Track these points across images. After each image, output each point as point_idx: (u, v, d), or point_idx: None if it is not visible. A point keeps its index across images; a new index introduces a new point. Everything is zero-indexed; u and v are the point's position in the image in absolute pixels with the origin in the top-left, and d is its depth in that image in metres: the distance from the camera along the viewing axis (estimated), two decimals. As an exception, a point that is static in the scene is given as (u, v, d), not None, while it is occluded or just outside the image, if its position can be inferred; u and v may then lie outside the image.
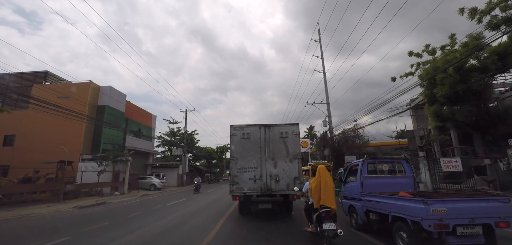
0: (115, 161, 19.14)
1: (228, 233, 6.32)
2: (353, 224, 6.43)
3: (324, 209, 4.63)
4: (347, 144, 27.91)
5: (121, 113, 25.38)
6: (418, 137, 27.27)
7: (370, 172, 6.14)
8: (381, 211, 4.99)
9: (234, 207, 10.48)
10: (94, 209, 12.11)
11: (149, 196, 18.25)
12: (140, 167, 31.43)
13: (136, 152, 29.88)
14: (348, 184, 6.75)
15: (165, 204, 12.97)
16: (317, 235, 4.89)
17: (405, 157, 6.39)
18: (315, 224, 4.86)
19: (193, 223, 7.75)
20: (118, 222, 8.31)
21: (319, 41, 28.91)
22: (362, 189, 5.78)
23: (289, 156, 7.91)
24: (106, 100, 23.53)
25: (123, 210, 11.16)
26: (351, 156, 20.33)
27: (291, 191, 7.57)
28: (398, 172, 6.23)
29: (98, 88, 23.82)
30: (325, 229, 4.39)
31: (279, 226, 6.93)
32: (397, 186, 5.71)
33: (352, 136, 29.11)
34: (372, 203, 5.31)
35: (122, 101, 25.74)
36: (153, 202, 14.48)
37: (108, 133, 23.20)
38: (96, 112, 22.95)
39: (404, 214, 4.26)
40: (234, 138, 8.12)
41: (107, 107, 23.35)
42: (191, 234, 6.41)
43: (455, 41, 13.63)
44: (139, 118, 31.04)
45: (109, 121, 22.59)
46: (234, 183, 7.81)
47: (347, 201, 6.69)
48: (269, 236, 5.94)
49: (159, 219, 8.66)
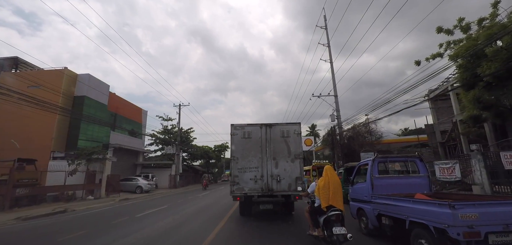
0: (89, 160, 16.16)
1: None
2: (363, 228, 5.93)
3: (334, 212, 4.35)
4: (358, 140, 24.92)
5: (102, 105, 22.38)
6: (439, 132, 24.22)
7: (381, 172, 5.85)
8: (396, 215, 4.53)
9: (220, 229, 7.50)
10: (42, 221, 9.13)
11: (128, 202, 15.29)
12: (128, 167, 28.50)
13: (124, 151, 26.93)
14: (356, 185, 6.34)
15: (135, 214, 9.92)
16: (324, 240, 4.55)
17: (418, 155, 5.97)
18: (323, 227, 4.60)
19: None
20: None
21: (325, 28, 26.08)
22: (373, 190, 5.40)
23: (290, 156, 7.74)
24: (86, 90, 20.54)
25: (69, 226, 8.19)
26: (368, 153, 17.36)
27: (293, 191, 7.50)
28: (412, 171, 5.86)
29: (75, 76, 20.81)
30: (335, 234, 4.10)
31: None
32: (410, 187, 5.39)
33: (363, 131, 26.06)
34: (385, 206, 4.87)
35: (104, 92, 22.74)
36: (124, 211, 11.49)
37: (87, 128, 20.23)
38: (72, 103, 19.96)
39: (426, 219, 3.75)
40: (235, 137, 7.93)
41: (85, 98, 20.35)
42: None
43: (495, 13, 10.91)
44: (127, 112, 28.06)
45: (88, 114, 19.58)
46: (235, 184, 7.61)
47: (356, 203, 6.24)
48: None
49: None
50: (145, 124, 32.17)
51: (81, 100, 20.11)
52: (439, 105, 24.85)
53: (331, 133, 25.81)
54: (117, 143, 24.53)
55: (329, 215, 4.36)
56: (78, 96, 20.35)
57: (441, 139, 23.30)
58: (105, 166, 17.12)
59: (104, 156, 17.07)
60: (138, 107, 31.33)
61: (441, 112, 24.42)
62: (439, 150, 22.88)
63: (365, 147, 23.71)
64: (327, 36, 25.71)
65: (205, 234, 6.16)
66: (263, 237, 5.79)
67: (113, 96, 26.02)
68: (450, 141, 21.87)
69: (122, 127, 25.29)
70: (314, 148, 38.46)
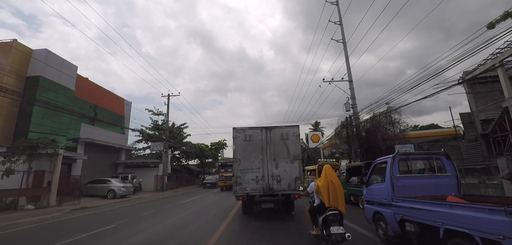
0: (31, 156, 11.91)
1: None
2: (381, 235, 5.29)
3: (332, 212, 4.34)
4: (380, 133, 20.66)
5: (67, 90, 18.13)
6: (479, 122, 19.95)
7: (402, 171, 5.24)
8: (425, 221, 3.91)
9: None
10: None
11: (82, 213, 11.07)
12: (108, 166, 24.30)
13: (102, 148, 22.72)
14: (372, 185, 5.77)
15: (56, 239, 5.71)
16: (323, 239, 4.56)
17: (445, 152, 5.27)
18: (321, 227, 4.58)
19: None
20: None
21: (336, 4, 22.08)
22: (394, 192, 4.80)
23: (290, 157, 8.01)
24: (43, 69, 16.31)
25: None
26: (406, 145, 13.15)
27: (293, 191, 7.77)
28: (438, 170, 5.13)
29: (30, 52, 16.57)
30: (333, 233, 4.11)
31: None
32: (436, 188, 4.85)
33: (384, 123, 21.72)
34: (411, 211, 4.24)
35: (70, 74, 18.50)
36: (47, 232, 7.24)
37: (44, 117, 16.00)
38: (24, 85, 15.74)
39: (470, 228, 3.12)
40: (237, 140, 8.20)
41: (41, 79, 16.11)
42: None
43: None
44: (105, 102, 23.81)
45: (46, 99, 15.35)
46: (237, 184, 7.85)
47: (372, 206, 5.60)
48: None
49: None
50: (129, 117, 27.92)
51: (35, 81, 15.87)
52: (477, 89, 20.68)
53: (346, 125, 21.59)
54: (89, 137, 20.33)
55: (327, 214, 4.36)
56: (32, 77, 16.10)
57: (482, 131, 19.13)
58: (56, 165, 12.86)
59: (55, 151, 12.82)
60: (120, 97, 27.07)
61: (482, 97, 20.25)
62: (480, 143, 18.73)
63: (388, 141, 19.49)
64: (339, 13, 21.66)
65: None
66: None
67: (86, 81, 21.80)
68: (496, 132, 17.53)
69: (92, 117, 21.00)
70: (321, 145, 34.27)
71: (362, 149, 20.10)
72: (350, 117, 21.07)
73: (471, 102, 20.47)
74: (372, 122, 21.28)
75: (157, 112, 33.01)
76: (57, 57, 17.60)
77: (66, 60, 18.42)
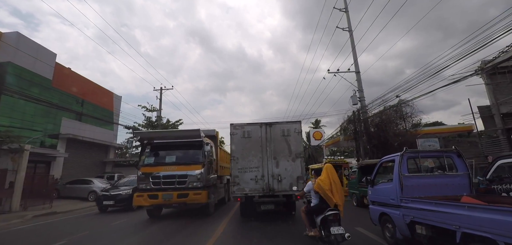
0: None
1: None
2: (388, 237, 4.95)
3: (332, 212, 4.22)
4: (391, 128, 18.93)
5: (43, 79, 16.17)
6: (499, 116, 18.21)
7: (411, 169, 4.99)
8: (439, 224, 3.60)
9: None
10: None
11: (47, 220, 9.21)
12: (94, 164, 22.41)
13: (88, 145, 20.83)
14: (378, 185, 5.43)
15: None
16: (322, 240, 4.39)
17: (456, 150, 4.87)
18: (320, 227, 4.46)
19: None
20: None
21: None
22: (402, 192, 4.47)
23: (291, 155, 7.61)
24: (13, 55, 14.36)
25: None
26: (431, 140, 11.39)
27: (295, 191, 7.42)
28: (448, 169, 4.88)
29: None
30: (333, 234, 4.00)
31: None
32: (447, 188, 4.54)
33: (394, 117, 19.93)
34: (423, 212, 3.92)
35: (48, 62, 16.54)
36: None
37: (13, 109, 14.07)
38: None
39: (493, 233, 2.80)
40: (234, 137, 7.79)
41: (10, 65, 14.17)
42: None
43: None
44: (91, 96, 21.85)
45: (17, 88, 13.42)
46: (235, 184, 7.45)
47: (378, 207, 5.29)
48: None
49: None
50: (118, 112, 25.96)
51: (2, 68, 13.93)
52: (498, 79, 18.96)
53: (353, 120, 19.80)
54: (71, 133, 18.41)
55: (327, 214, 4.26)
56: (1, 63, 14.16)
57: (503, 125, 17.45)
58: (21, 163, 10.95)
59: (20, 147, 10.92)
60: (108, 91, 25.11)
61: (502, 89, 18.56)
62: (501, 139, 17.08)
63: (401, 137, 17.76)
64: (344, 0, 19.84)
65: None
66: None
67: (69, 72, 19.84)
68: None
69: (74, 111, 19.07)
70: (324, 143, 32.50)
71: (371, 145, 18.35)
72: (357, 111, 19.29)
73: (489, 94, 18.75)
74: (381, 116, 19.48)
75: (151, 108, 31.28)
76: (31, 42, 15.66)
77: (42, 46, 16.47)
